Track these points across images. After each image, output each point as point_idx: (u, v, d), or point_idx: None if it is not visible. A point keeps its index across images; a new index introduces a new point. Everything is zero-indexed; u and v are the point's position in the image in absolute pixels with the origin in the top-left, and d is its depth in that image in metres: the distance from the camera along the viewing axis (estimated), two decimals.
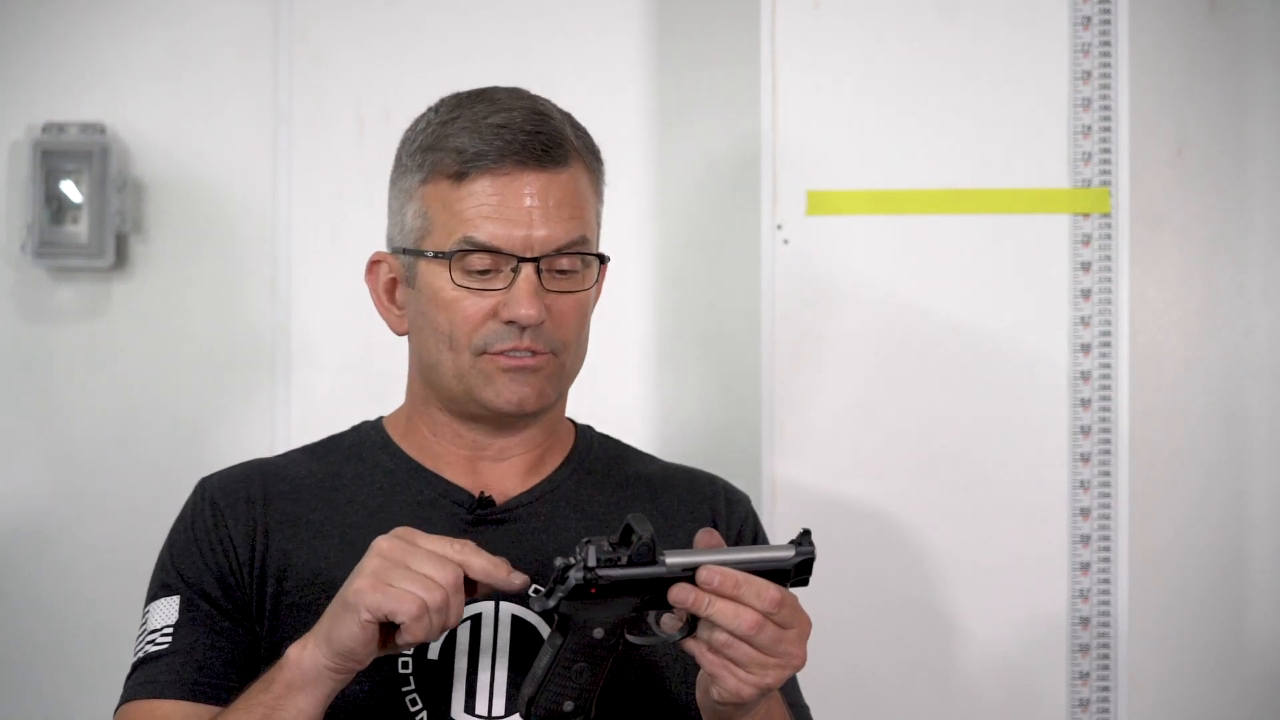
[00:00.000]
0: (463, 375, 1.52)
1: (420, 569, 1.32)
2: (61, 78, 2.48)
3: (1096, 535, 2.14)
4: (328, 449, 1.62)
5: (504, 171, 1.50)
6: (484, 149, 1.50)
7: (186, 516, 1.57)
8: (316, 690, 1.35)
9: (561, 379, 1.55)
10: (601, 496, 1.60)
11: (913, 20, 2.19)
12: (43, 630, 2.47)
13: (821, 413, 2.18)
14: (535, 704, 1.34)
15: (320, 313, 2.44)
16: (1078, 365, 2.16)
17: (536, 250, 1.50)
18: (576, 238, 1.52)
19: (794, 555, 1.36)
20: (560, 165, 1.51)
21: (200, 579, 1.51)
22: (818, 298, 2.18)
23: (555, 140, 1.51)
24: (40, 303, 2.48)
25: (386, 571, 1.32)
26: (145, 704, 1.46)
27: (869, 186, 2.19)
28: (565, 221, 1.51)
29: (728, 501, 1.65)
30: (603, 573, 1.32)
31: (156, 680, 1.47)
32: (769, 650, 1.33)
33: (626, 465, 1.65)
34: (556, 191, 1.51)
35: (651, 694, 1.52)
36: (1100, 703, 2.14)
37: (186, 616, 1.49)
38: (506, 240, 1.49)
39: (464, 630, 1.49)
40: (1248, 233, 2.44)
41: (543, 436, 1.60)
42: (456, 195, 1.51)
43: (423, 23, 2.46)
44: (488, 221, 1.49)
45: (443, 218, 1.51)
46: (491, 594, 1.43)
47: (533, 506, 1.56)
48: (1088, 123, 2.16)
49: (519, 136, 1.50)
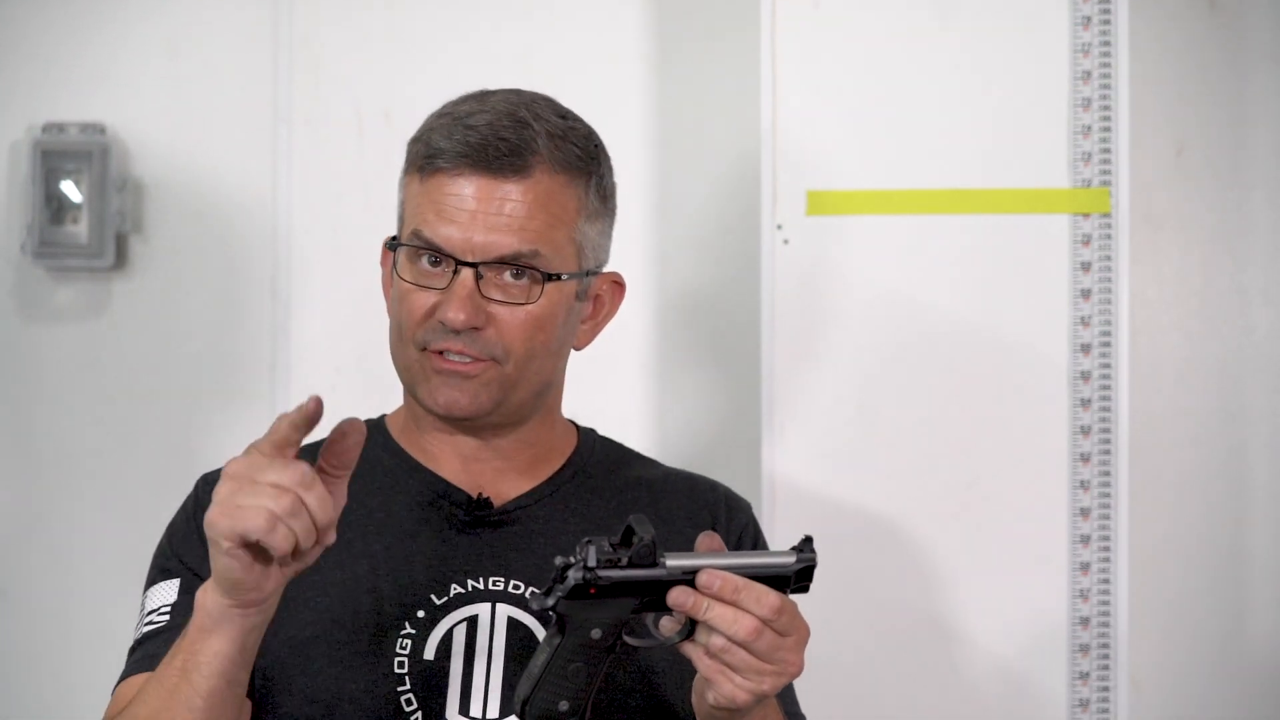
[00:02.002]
0: (409, 368, 1.53)
1: (265, 478, 1.26)
2: (61, 78, 2.48)
3: (1096, 535, 2.14)
4: None
5: (456, 171, 1.49)
6: (445, 147, 1.49)
7: (188, 507, 1.57)
8: (227, 630, 1.31)
9: (505, 388, 1.51)
10: (601, 500, 1.59)
11: (913, 20, 2.19)
12: (42, 630, 2.47)
13: (821, 412, 2.18)
14: (531, 704, 1.34)
15: (320, 313, 2.44)
16: (1078, 365, 2.16)
17: (476, 256, 1.48)
18: (525, 250, 1.48)
19: (795, 561, 1.36)
20: (517, 174, 1.49)
21: (200, 565, 1.49)
22: (818, 298, 2.18)
23: (517, 149, 1.49)
24: (40, 303, 2.48)
25: (233, 494, 1.26)
26: (141, 679, 1.44)
27: (869, 186, 2.19)
28: (513, 232, 1.48)
29: (728, 508, 1.64)
30: (602, 573, 1.32)
31: (156, 655, 1.44)
32: (766, 657, 1.32)
33: (627, 469, 1.64)
34: (511, 201, 1.49)
35: (647, 699, 1.51)
36: (1100, 703, 2.14)
37: (185, 598, 1.48)
38: (446, 240, 1.48)
39: (459, 631, 1.49)
40: (1248, 233, 2.44)
41: (524, 445, 1.58)
42: (419, 189, 1.51)
43: (423, 23, 2.46)
44: (436, 219, 1.49)
45: (408, 210, 1.53)
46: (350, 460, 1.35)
47: (531, 509, 1.56)
48: (1088, 123, 2.16)
49: (480, 139, 1.49)
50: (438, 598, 1.50)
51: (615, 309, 1.62)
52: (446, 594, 1.51)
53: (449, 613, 1.50)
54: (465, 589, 1.51)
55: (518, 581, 1.52)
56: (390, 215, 1.59)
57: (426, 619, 1.49)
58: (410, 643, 1.48)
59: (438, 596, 1.50)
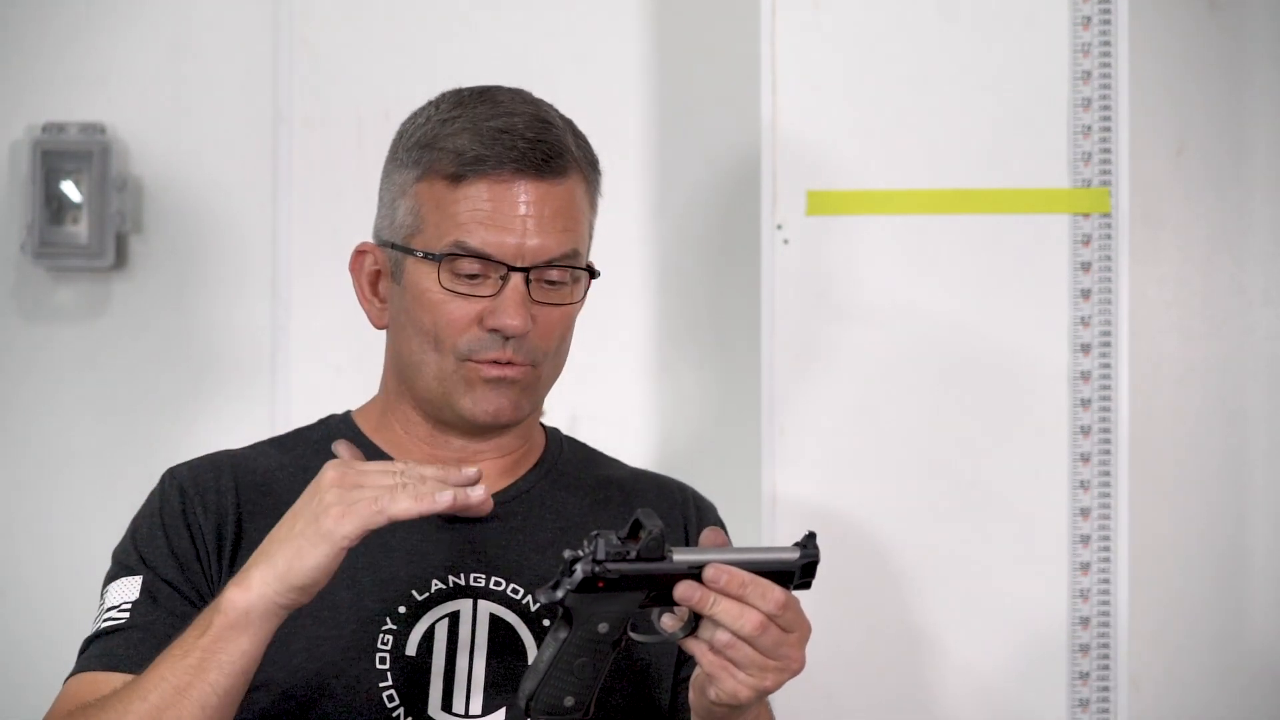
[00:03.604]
0: (444, 378, 1.51)
1: (372, 482, 1.33)
2: (61, 78, 2.48)
3: (1096, 535, 2.14)
4: (295, 441, 1.62)
5: (501, 178, 1.48)
6: (484, 153, 1.48)
7: (154, 502, 1.55)
8: (262, 629, 1.33)
9: (537, 391, 1.54)
10: (574, 499, 1.59)
11: (913, 20, 2.19)
12: (41, 630, 2.47)
13: (821, 412, 2.18)
14: (536, 699, 1.33)
15: (320, 313, 2.44)
16: (1078, 365, 2.16)
17: (528, 260, 1.48)
18: (569, 250, 1.50)
19: (799, 557, 1.36)
20: (559, 176, 1.50)
21: (163, 564, 1.49)
22: (818, 298, 2.18)
23: (556, 150, 1.50)
24: (40, 303, 2.48)
25: (341, 497, 1.32)
26: (100, 675, 1.44)
27: (869, 186, 2.19)
28: (559, 233, 1.49)
29: (697, 508, 1.65)
30: (611, 566, 1.32)
31: (113, 654, 1.45)
32: (770, 653, 1.32)
33: (596, 469, 1.65)
34: (553, 202, 1.49)
35: (639, 699, 1.52)
36: (1100, 703, 2.14)
37: (146, 596, 1.48)
38: (498, 248, 1.48)
39: (441, 627, 1.49)
40: (1248, 233, 2.44)
41: (517, 444, 1.60)
42: (451, 197, 1.49)
43: (423, 23, 2.46)
44: (481, 227, 1.48)
45: (435, 218, 1.50)
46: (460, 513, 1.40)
47: (508, 506, 1.56)
48: (1088, 123, 2.16)
49: (519, 143, 1.48)
50: (419, 593, 1.50)
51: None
52: (428, 590, 1.50)
53: (431, 608, 1.50)
54: (447, 585, 1.51)
55: (499, 578, 1.52)
56: None
57: (408, 615, 1.49)
58: (392, 639, 1.48)
59: (419, 592, 1.50)
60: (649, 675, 1.53)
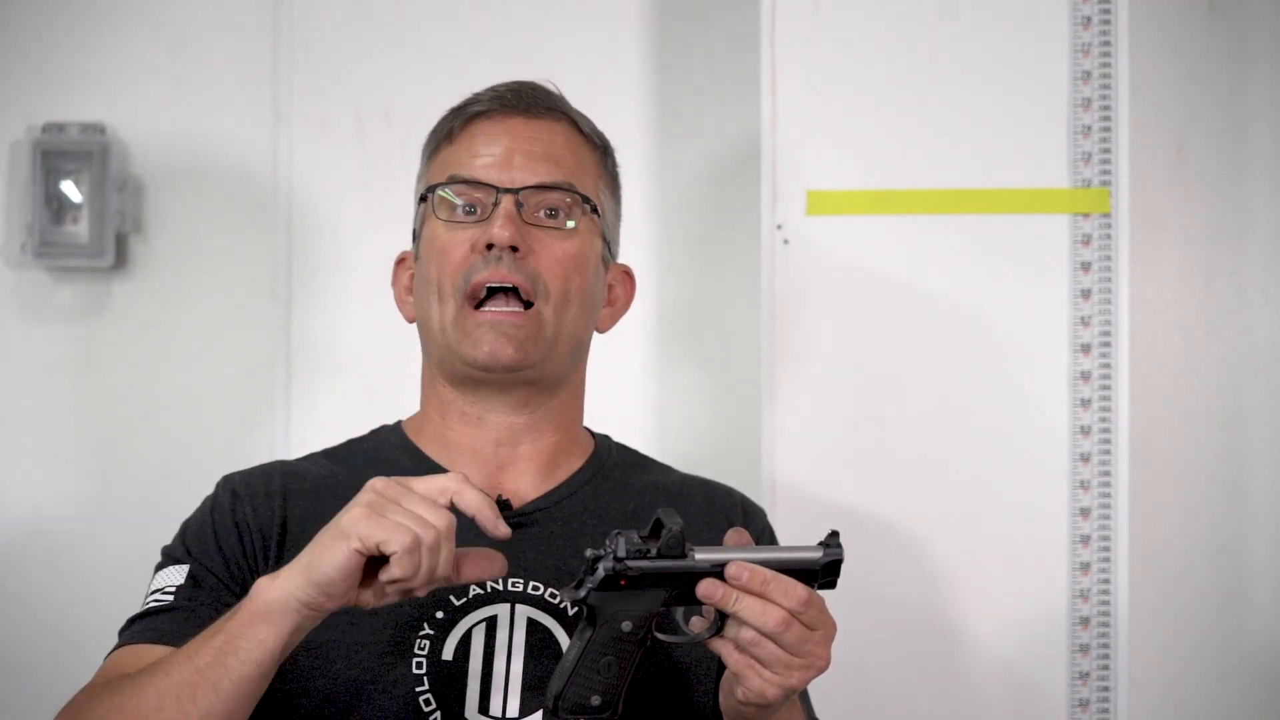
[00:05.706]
0: (447, 327, 1.55)
1: (414, 509, 1.31)
2: (61, 78, 2.48)
3: (1096, 535, 2.14)
4: (348, 452, 1.63)
5: (490, 118, 1.57)
6: (475, 104, 1.58)
7: (206, 504, 1.58)
8: (281, 622, 1.32)
9: (544, 337, 1.55)
10: (619, 504, 1.60)
11: (912, 20, 2.19)
12: (45, 632, 2.47)
13: (821, 412, 2.18)
14: (563, 698, 1.34)
15: (320, 313, 2.44)
16: (1078, 365, 2.16)
17: (517, 183, 1.54)
18: (561, 180, 1.56)
19: (822, 556, 1.37)
20: (550, 116, 1.58)
21: (209, 557, 1.52)
22: (818, 298, 2.18)
23: (546, 100, 1.59)
24: (40, 303, 2.48)
25: (381, 505, 1.31)
26: (143, 648, 1.45)
27: (869, 186, 2.19)
28: (549, 163, 1.56)
29: (745, 514, 1.65)
30: (632, 564, 1.32)
31: (157, 629, 1.47)
32: (795, 650, 1.33)
33: (644, 474, 1.66)
34: (543, 137, 1.57)
35: (677, 701, 1.52)
36: (1100, 703, 2.14)
37: (191, 581, 1.50)
38: (486, 171, 1.55)
39: (479, 631, 1.49)
40: (1248, 233, 2.44)
41: (552, 435, 1.60)
42: (449, 150, 1.58)
43: (423, 23, 2.46)
44: (473, 159, 1.56)
45: (435, 172, 1.59)
46: (476, 580, 1.43)
47: (550, 511, 1.57)
48: (1088, 123, 2.16)
49: (506, 92, 1.58)
50: (456, 598, 1.51)
51: (630, 300, 1.68)
52: (465, 595, 1.51)
53: (468, 613, 1.50)
54: (484, 589, 1.51)
55: (537, 583, 1.52)
56: (389, 216, 1.61)
57: (445, 619, 1.50)
58: (428, 643, 1.49)
59: (456, 597, 1.51)
60: (689, 677, 1.53)
